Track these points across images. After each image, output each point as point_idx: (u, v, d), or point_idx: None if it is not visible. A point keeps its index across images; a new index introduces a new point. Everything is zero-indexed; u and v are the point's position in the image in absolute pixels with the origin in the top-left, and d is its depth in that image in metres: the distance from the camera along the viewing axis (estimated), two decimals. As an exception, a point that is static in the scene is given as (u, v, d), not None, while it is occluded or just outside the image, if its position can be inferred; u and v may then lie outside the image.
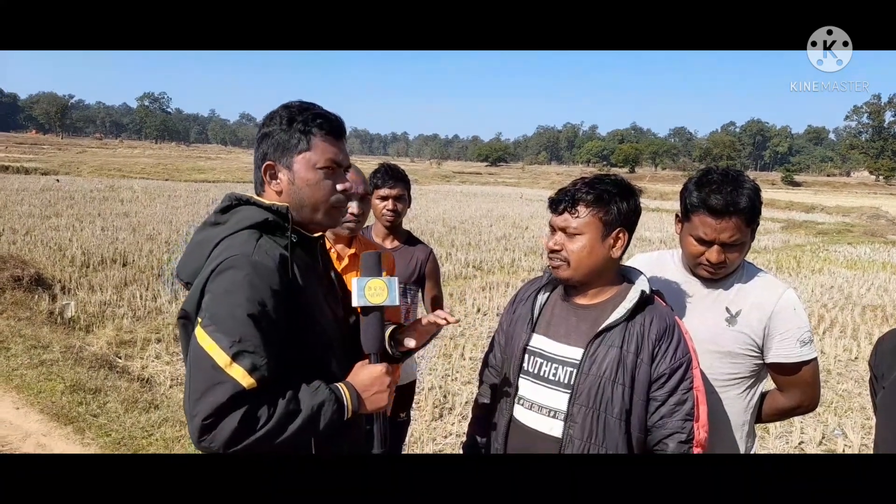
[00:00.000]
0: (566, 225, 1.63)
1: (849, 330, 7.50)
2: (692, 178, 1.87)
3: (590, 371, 1.59)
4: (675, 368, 1.57)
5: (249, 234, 1.32)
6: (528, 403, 1.69)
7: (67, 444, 3.88)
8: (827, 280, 10.90)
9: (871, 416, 4.99)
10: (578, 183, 1.66)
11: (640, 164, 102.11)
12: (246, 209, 1.39)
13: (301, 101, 1.44)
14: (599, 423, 1.57)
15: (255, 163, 1.45)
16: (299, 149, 1.39)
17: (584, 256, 1.62)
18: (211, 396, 1.16)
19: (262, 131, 1.43)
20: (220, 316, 1.20)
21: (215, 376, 1.17)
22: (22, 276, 7.18)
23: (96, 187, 23.30)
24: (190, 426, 1.17)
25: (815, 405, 1.95)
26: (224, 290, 1.23)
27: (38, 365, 4.99)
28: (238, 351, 1.18)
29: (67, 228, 12.16)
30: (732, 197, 1.73)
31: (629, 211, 1.64)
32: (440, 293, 2.94)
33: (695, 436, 1.55)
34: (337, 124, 1.43)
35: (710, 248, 1.79)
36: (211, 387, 1.16)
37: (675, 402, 1.56)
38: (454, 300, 8.25)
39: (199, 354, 1.19)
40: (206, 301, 1.24)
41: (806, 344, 1.82)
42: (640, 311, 1.62)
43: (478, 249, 13.00)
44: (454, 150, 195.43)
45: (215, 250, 1.31)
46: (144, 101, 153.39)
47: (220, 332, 1.19)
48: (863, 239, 19.00)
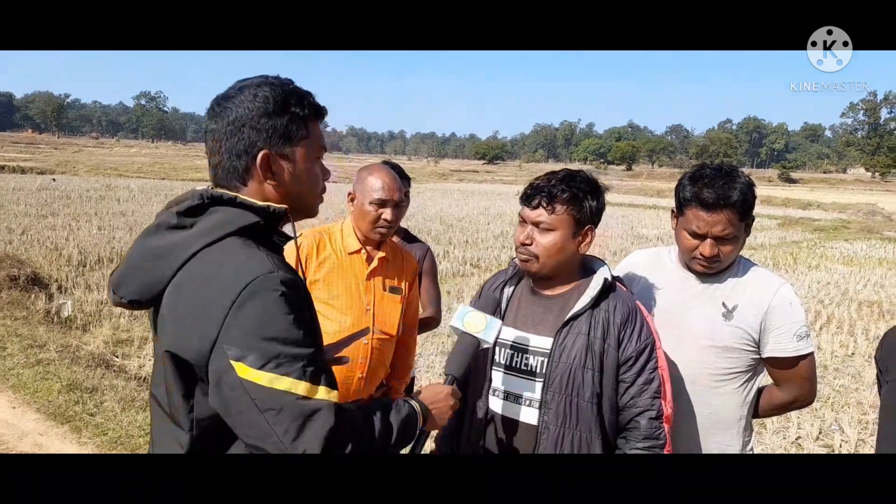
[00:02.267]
0: (539, 220, 1.66)
1: (845, 326, 7.52)
2: (686, 174, 1.89)
3: (560, 359, 1.64)
4: (641, 350, 1.64)
5: (245, 244, 1.11)
6: (501, 394, 1.74)
7: (64, 443, 3.87)
8: (823, 276, 10.94)
9: (867, 411, 5.01)
10: (553, 179, 1.69)
11: (637, 161, 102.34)
12: (224, 210, 1.15)
13: (277, 76, 1.22)
14: (573, 408, 1.63)
15: (231, 150, 1.17)
16: (300, 136, 1.20)
17: (553, 253, 1.67)
18: (314, 426, 1.02)
19: (237, 110, 1.16)
20: (274, 347, 1.03)
21: (306, 407, 1.02)
22: (18, 276, 7.16)
23: (93, 186, 23.23)
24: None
25: (811, 399, 1.95)
26: (264, 318, 1.04)
27: (35, 364, 4.98)
28: (311, 372, 1.05)
29: (64, 228, 12.12)
30: (724, 190, 1.75)
31: (598, 208, 1.70)
32: (437, 291, 2.95)
33: (663, 412, 1.64)
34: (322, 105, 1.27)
35: (704, 242, 1.80)
36: (307, 418, 1.02)
37: (642, 382, 1.64)
38: (452, 297, 8.25)
39: (270, 395, 1.02)
40: (241, 337, 1.03)
41: (802, 338, 1.83)
42: (605, 298, 1.68)
43: (475, 247, 13.02)
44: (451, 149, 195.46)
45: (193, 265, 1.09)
46: (141, 100, 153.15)
47: (284, 364, 1.03)
48: (859, 235, 19.06)
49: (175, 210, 1.15)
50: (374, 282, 2.22)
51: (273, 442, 1.03)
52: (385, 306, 2.23)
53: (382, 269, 2.25)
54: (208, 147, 1.21)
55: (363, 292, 2.18)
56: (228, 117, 1.16)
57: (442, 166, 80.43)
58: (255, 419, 1.03)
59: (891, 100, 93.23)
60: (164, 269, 1.11)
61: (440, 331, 6.66)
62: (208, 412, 1.09)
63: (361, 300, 2.17)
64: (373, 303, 2.20)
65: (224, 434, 1.10)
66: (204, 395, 1.08)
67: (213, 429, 1.10)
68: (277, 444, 1.02)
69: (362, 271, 2.21)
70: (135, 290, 1.14)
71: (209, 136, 1.20)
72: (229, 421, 1.07)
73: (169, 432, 1.15)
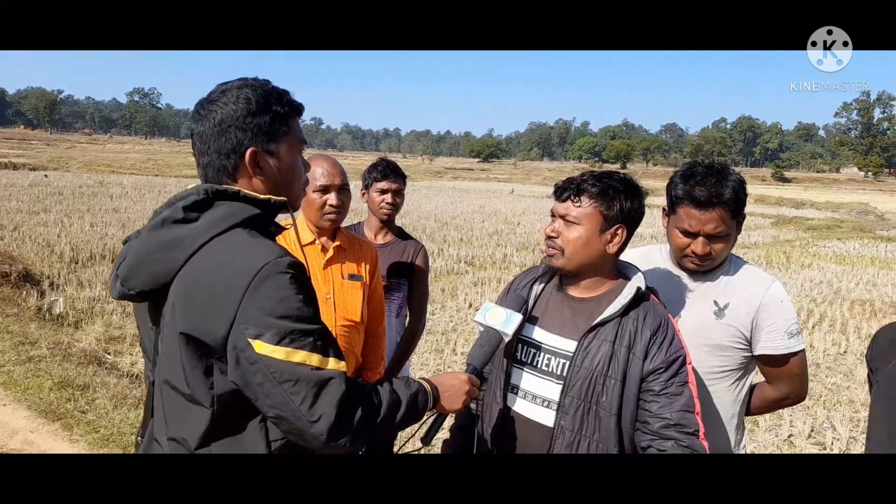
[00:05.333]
0: (566, 212, 1.63)
1: (837, 324, 7.56)
2: (678, 172, 1.88)
3: (582, 364, 1.59)
4: (671, 362, 1.57)
5: (250, 234, 1.20)
6: (521, 392, 1.70)
7: (55, 441, 3.85)
8: (816, 275, 10.99)
9: (858, 409, 5.04)
10: (587, 174, 1.66)
11: (632, 160, 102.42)
12: (228, 204, 1.22)
13: (255, 78, 1.30)
14: (591, 416, 1.58)
15: (219, 150, 1.24)
16: (282, 132, 1.28)
17: (579, 247, 1.62)
18: (329, 392, 1.12)
19: (222, 112, 1.23)
20: (288, 324, 1.12)
21: (321, 376, 1.13)
22: (10, 272, 7.12)
23: (85, 183, 23.12)
24: (314, 430, 1.12)
25: (803, 396, 1.96)
26: (278, 298, 1.12)
27: (26, 361, 4.95)
28: (322, 345, 1.15)
29: (56, 224, 12.06)
30: (717, 188, 1.74)
31: (632, 210, 1.64)
32: (426, 289, 2.95)
33: (700, 427, 1.54)
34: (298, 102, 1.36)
35: (696, 240, 1.79)
36: (322, 386, 1.12)
37: (672, 394, 1.56)
38: (446, 295, 8.26)
39: (285, 369, 1.11)
40: (256, 317, 1.11)
41: (794, 336, 1.83)
42: (635, 308, 1.62)
43: (470, 245, 13.01)
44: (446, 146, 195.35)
45: (204, 254, 1.16)
46: (134, 97, 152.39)
47: (297, 339, 1.13)
48: (852, 234, 19.17)
49: (181, 205, 1.21)
50: (331, 270, 2.25)
51: (292, 410, 1.11)
52: (345, 294, 2.26)
53: (339, 258, 2.28)
54: (196, 149, 1.28)
55: (321, 282, 2.21)
56: (214, 119, 1.24)
57: (437, 164, 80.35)
58: (273, 391, 1.12)
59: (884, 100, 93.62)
60: (174, 260, 1.18)
61: (433, 328, 6.67)
62: (228, 388, 1.17)
63: (320, 290, 2.16)
64: (332, 292, 2.23)
65: (244, 408, 1.18)
66: (222, 372, 1.16)
67: (233, 404, 1.18)
68: (296, 413, 1.11)
69: (318, 262, 2.24)
70: (144, 282, 1.21)
71: (196, 138, 1.27)
72: (250, 394, 1.14)
73: (189, 412, 1.21)
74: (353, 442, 1.15)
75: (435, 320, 7.06)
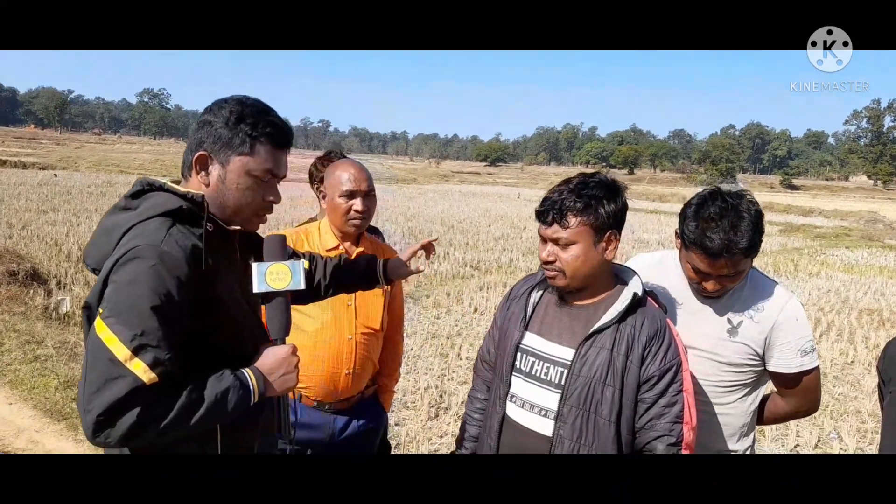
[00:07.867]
0: (557, 236, 1.60)
1: (845, 334, 7.50)
2: (691, 203, 1.79)
3: (580, 372, 1.59)
4: (665, 371, 1.57)
5: (161, 223, 1.27)
6: (519, 401, 1.70)
7: (60, 440, 3.86)
8: (824, 284, 10.92)
9: (866, 419, 4.99)
10: (563, 191, 1.61)
11: (640, 165, 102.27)
12: (158, 195, 1.33)
13: (257, 100, 1.39)
14: (589, 424, 1.58)
15: (189, 146, 1.38)
16: (240, 151, 1.35)
17: (579, 265, 1.60)
18: (108, 391, 1.12)
19: (205, 117, 1.37)
20: (122, 307, 1.16)
21: (113, 370, 1.13)
22: (17, 271, 7.15)
23: (94, 182, 23.25)
24: (84, 420, 1.14)
25: (815, 409, 1.94)
26: (128, 280, 1.18)
27: (32, 360, 4.97)
28: (140, 345, 1.15)
29: (64, 224, 12.12)
30: (730, 236, 1.66)
31: (617, 211, 1.61)
32: None
33: (683, 438, 1.56)
34: (286, 136, 1.40)
35: (707, 280, 1.76)
36: (109, 381, 1.13)
37: (664, 405, 1.57)
38: (451, 299, 8.24)
39: (98, 347, 1.15)
40: (108, 292, 1.19)
41: (807, 354, 1.80)
42: (632, 313, 1.61)
43: (475, 249, 12.99)
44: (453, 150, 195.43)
45: (124, 238, 1.26)
46: (144, 97, 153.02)
47: (120, 325, 1.15)
48: (860, 243, 19.03)
49: (126, 194, 1.37)
50: None
51: (82, 389, 1.15)
52: (367, 300, 2.22)
53: None
54: None
55: None
56: (199, 119, 1.39)
57: (444, 168, 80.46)
58: (84, 365, 1.18)
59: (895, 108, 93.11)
60: (109, 243, 1.29)
61: (438, 332, 6.67)
62: None
63: (342, 296, 2.12)
64: (353, 298, 2.18)
65: None
66: None
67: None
68: (80, 392, 1.15)
69: None
70: (94, 259, 1.32)
71: None
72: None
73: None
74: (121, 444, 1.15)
75: (440, 324, 7.05)
